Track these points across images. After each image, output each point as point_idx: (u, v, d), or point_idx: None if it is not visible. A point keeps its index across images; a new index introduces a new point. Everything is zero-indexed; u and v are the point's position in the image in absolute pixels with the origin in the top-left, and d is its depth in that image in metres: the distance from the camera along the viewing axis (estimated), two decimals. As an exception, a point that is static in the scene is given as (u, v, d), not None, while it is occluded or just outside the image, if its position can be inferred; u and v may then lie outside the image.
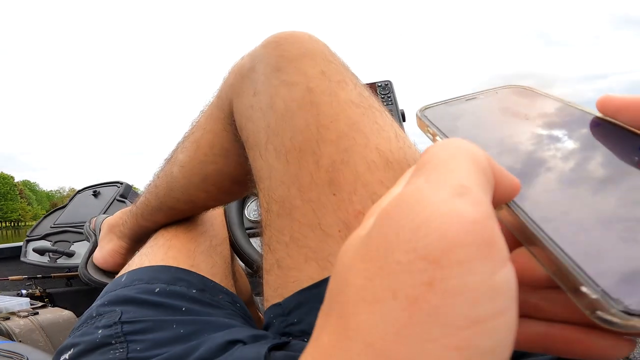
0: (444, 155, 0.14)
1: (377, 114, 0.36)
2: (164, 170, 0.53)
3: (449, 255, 0.11)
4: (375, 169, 0.33)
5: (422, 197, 0.12)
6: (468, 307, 0.11)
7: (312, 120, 0.34)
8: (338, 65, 0.37)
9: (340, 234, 0.32)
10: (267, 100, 0.36)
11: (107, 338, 0.35)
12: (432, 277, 0.11)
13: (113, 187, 1.11)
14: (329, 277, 0.32)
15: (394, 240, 0.12)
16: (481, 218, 0.12)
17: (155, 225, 0.56)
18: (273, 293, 0.35)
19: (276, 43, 0.38)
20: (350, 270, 0.13)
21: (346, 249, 0.14)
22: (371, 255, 0.12)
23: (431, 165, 0.13)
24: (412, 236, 0.12)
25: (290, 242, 0.34)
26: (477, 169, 0.13)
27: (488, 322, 0.11)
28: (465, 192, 0.12)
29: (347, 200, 0.32)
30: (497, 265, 0.11)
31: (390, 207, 0.13)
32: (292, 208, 0.34)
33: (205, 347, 0.32)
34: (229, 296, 0.47)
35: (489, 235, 0.12)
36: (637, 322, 0.11)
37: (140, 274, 0.44)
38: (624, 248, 0.13)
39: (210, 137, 0.46)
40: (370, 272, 0.12)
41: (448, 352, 0.11)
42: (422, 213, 0.12)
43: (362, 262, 0.13)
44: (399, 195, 0.13)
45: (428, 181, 0.13)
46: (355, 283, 0.12)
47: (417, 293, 0.11)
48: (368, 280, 0.12)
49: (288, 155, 0.34)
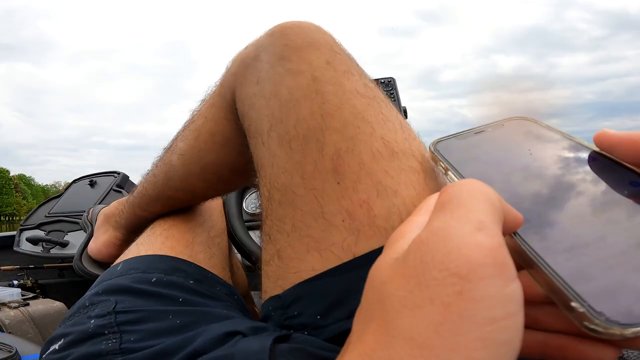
0: (464, 196, 0.17)
1: (382, 104, 0.35)
2: (162, 159, 0.52)
3: (474, 273, 0.15)
4: (380, 158, 0.32)
5: (450, 231, 0.16)
6: (488, 310, 0.15)
7: (316, 109, 0.33)
8: (343, 56, 0.37)
9: (344, 224, 0.31)
10: (271, 88, 0.36)
11: (99, 328, 0.34)
12: (461, 288, 0.15)
13: (110, 177, 1.10)
14: (331, 269, 0.31)
15: (430, 262, 0.16)
16: (496, 247, 0.16)
17: (153, 215, 0.55)
18: (272, 284, 0.34)
19: (281, 32, 0.37)
20: (390, 284, 0.17)
21: (380, 267, 0.18)
22: (409, 272, 0.16)
23: (454, 205, 0.17)
24: (445, 259, 0.16)
25: (291, 231, 0.33)
26: (491, 209, 0.17)
27: (502, 321, 0.15)
28: (483, 228, 0.16)
29: (351, 188, 0.31)
30: (508, 280, 0.15)
31: (425, 236, 0.17)
32: (295, 196, 0.33)
33: (202, 338, 0.31)
34: (227, 288, 0.46)
35: (502, 260, 0.16)
36: (617, 330, 0.14)
37: (136, 263, 0.43)
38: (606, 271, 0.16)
39: (211, 125, 0.45)
40: (410, 285, 0.16)
41: (474, 343, 0.15)
42: (452, 243, 0.16)
43: (400, 278, 0.17)
44: (431, 227, 0.17)
45: (453, 218, 0.17)
46: (395, 294, 0.16)
47: (450, 300, 0.15)
48: (408, 292, 0.16)
49: (292, 143, 0.34)
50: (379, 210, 0.30)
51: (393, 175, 0.31)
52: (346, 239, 0.30)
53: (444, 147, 0.25)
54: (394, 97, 0.93)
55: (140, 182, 0.57)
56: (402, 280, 0.17)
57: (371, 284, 0.18)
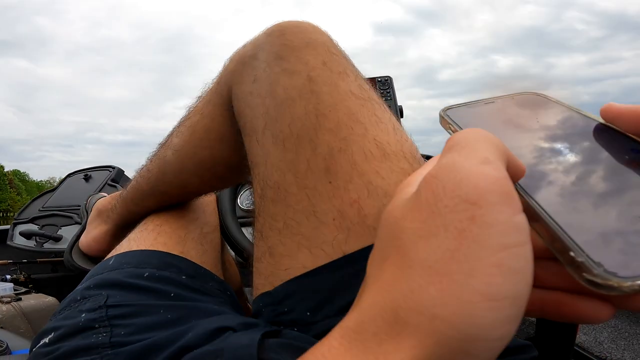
0: (470, 138, 0.18)
1: (376, 106, 0.36)
2: (157, 155, 0.52)
3: (483, 198, 0.15)
4: (372, 158, 0.32)
5: (459, 164, 0.17)
6: (500, 236, 0.15)
7: (311, 108, 0.34)
8: (340, 57, 0.37)
9: (334, 222, 0.31)
10: (267, 87, 0.36)
11: (90, 322, 0.34)
12: (472, 213, 0.15)
13: (105, 171, 1.09)
14: (321, 266, 0.31)
15: (441, 192, 0.16)
16: (501, 177, 0.16)
17: (146, 210, 0.55)
18: (264, 281, 0.34)
19: (280, 32, 0.37)
20: (404, 219, 0.17)
21: (393, 207, 0.19)
22: (422, 205, 0.17)
23: (461, 145, 0.18)
24: (455, 187, 0.16)
25: (283, 228, 0.33)
26: (495, 149, 0.17)
27: (515, 248, 0.15)
28: (489, 162, 0.16)
29: (342, 188, 0.32)
30: (515, 210, 0.16)
31: (434, 171, 0.17)
32: (287, 194, 0.33)
33: (193, 333, 0.31)
34: (219, 284, 0.46)
35: (508, 189, 0.16)
36: (614, 282, 0.14)
37: (128, 258, 0.43)
38: (606, 224, 0.17)
39: (207, 122, 0.45)
40: (423, 216, 0.17)
41: (490, 268, 0.15)
42: (460, 173, 0.16)
43: (414, 211, 0.17)
44: (440, 164, 0.17)
45: (460, 155, 0.17)
46: (410, 227, 0.17)
47: (463, 225, 0.15)
48: (422, 222, 0.17)
49: (285, 142, 0.34)
50: (370, 210, 0.31)
51: (384, 176, 0.32)
52: (336, 237, 0.31)
53: (453, 113, 0.26)
54: (390, 96, 0.93)
55: (133, 177, 0.57)
56: (416, 213, 0.17)
57: (385, 225, 0.19)
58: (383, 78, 0.94)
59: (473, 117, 0.25)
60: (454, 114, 0.26)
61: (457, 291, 0.15)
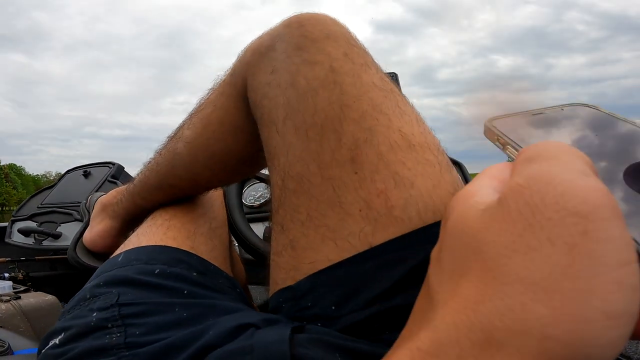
0: (554, 151, 0.17)
1: (398, 98, 0.36)
2: (166, 148, 0.51)
3: (594, 212, 0.14)
4: (398, 149, 0.32)
5: (555, 175, 0.16)
6: (616, 252, 0.14)
7: (335, 99, 0.33)
8: (360, 49, 0.37)
9: (361, 213, 0.30)
10: (288, 77, 0.36)
11: (102, 321, 0.33)
12: (585, 228, 0.14)
13: (104, 167, 1.07)
14: (348, 258, 0.30)
15: (540, 204, 0.15)
16: (607, 191, 0.15)
17: (153, 204, 0.54)
18: (284, 276, 0.33)
19: (299, 23, 0.37)
20: (487, 232, 0.16)
21: (466, 217, 0.18)
22: (512, 217, 0.16)
23: (545, 157, 0.17)
24: (559, 199, 0.15)
25: (306, 220, 0.32)
26: (586, 162, 0.17)
27: (631, 265, 0.14)
28: (589, 174, 0.16)
29: (369, 179, 0.31)
30: (624, 226, 0.15)
31: (523, 182, 0.16)
32: (311, 185, 0.32)
33: (214, 331, 0.30)
34: (229, 281, 0.45)
35: (615, 204, 0.15)
36: None
37: (138, 254, 0.42)
38: None
39: (220, 113, 0.44)
40: (517, 229, 0.15)
41: (609, 285, 0.14)
42: (562, 185, 0.15)
43: (500, 224, 0.16)
44: (529, 174, 0.16)
45: (552, 166, 0.16)
46: (498, 240, 0.16)
47: (575, 240, 0.14)
48: (516, 235, 0.15)
49: (309, 132, 0.33)
50: (397, 201, 0.30)
51: (410, 166, 0.31)
52: (363, 228, 0.30)
53: (501, 125, 0.24)
54: (396, 91, 0.92)
55: (141, 170, 0.56)
56: (504, 225, 0.16)
57: (458, 236, 0.18)
58: (389, 75, 0.93)
59: (523, 128, 0.24)
60: (501, 125, 0.24)
61: (573, 309, 0.14)
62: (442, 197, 0.31)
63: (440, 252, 0.19)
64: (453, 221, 0.18)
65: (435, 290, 0.18)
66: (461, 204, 0.19)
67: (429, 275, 0.19)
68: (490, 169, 0.21)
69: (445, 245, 0.18)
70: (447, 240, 0.18)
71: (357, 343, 0.27)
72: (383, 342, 0.28)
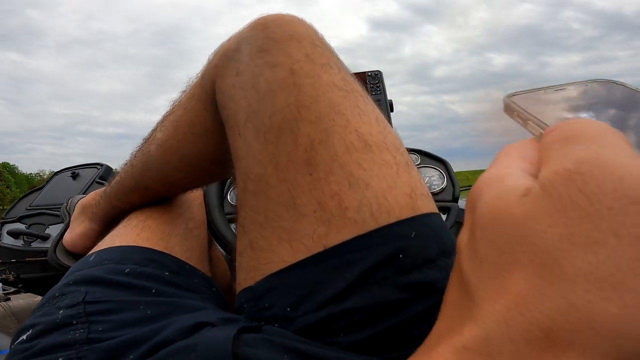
0: (596, 131, 0.16)
1: (359, 98, 0.35)
2: (141, 150, 0.52)
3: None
4: (353, 150, 0.32)
5: (608, 158, 0.14)
6: None
7: (292, 100, 0.33)
8: (324, 50, 0.37)
9: (315, 215, 0.31)
10: (250, 80, 0.36)
11: (68, 318, 0.33)
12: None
13: (92, 168, 1.08)
14: (301, 260, 0.30)
15: (596, 191, 0.14)
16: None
17: (130, 206, 0.54)
18: (245, 276, 0.34)
19: (264, 25, 0.37)
20: (534, 221, 0.15)
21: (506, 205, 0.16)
22: (564, 206, 0.14)
23: (587, 138, 0.16)
24: (618, 186, 0.14)
25: (264, 222, 0.33)
26: (628, 144, 0.16)
27: None
28: (638, 157, 0.15)
29: (323, 180, 0.31)
30: None
31: (572, 166, 0.15)
32: (268, 187, 0.33)
33: (170, 329, 0.30)
34: (205, 280, 0.45)
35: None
36: None
37: (110, 254, 0.42)
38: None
39: (190, 116, 0.45)
40: (572, 219, 0.14)
41: None
42: (619, 170, 0.14)
43: (553, 212, 0.15)
44: (577, 158, 0.15)
45: (601, 148, 0.15)
46: (550, 231, 0.14)
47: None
48: (572, 227, 0.14)
49: (266, 134, 0.33)
50: (350, 202, 0.30)
51: (366, 167, 0.31)
52: (317, 230, 0.30)
53: (521, 101, 0.23)
54: (380, 90, 0.92)
55: (118, 172, 0.56)
56: (556, 214, 0.15)
57: (497, 226, 0.16)
58: (373, 72, 0.94)
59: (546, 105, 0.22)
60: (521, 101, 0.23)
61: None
62: (397, 198, 0.31)
63: (475, 242, 0.17)
64: (487, 208, 0.17)
65: (475, 285, 0.17)
66: (493, 189, 0.17)
67: (463, 267, 0.18)
68: (512, 148, 0.20)
69: (481, 236, 0.17)
70: (482, 229, 0.17)
71: (310, 345, 0.27)
72: (337, 345, 0.28)
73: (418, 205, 0.32)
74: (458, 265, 0.19)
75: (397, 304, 0.28)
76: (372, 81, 0.93)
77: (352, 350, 0.28)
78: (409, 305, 0.28)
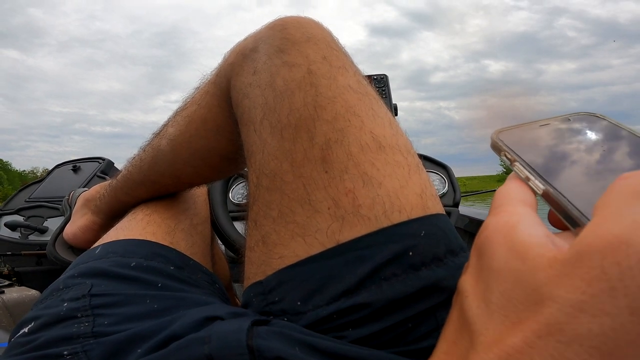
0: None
1: (373, 101, 0.36)
2: (150, 144, 0.52)
3: None
4: (368, 150, 0.33)
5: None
6: None
7: (309, 100, 0.34)
8: (340, 53, 0.38)
9: (329, 211, 0.31)
10: (267, 78, 0.36)
11: (72, 311, 0.33)
12: None
13: (94, 162, 1.07)
14: (314, 255, 0.31)
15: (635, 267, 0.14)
16: None
17: (135, 200, 0.54)
18: (255, 270, 0.34)
19: (282, 26, 0.38)
20: (554, 286, 0.15)
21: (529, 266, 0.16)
22: (592, 276, 0.14)
23: None
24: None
25: (278, 217, 0.33)
26: None
27: None
28: None
29: (338, 178, 0.32)
30: None
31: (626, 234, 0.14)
32: (283, 183, 0.33)
33: (180, 322, 0.30)
34: (208, 276, 0.45)
35: None
36: None
37: (115, 247, 0.42)
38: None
39: (203, 112, 0.45)
40: (592, 289, 0.14)
41: None
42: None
43: (574, 280, 0.15)
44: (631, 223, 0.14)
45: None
46: (566, 297, 0.15)
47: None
48: (589, 296, 0.14)
49: (283, 131, 0.34)
50: (364, 200, 0.31)
51: (379, 167, 0.32)
52: (330, 225, 0.31)
53: (507, 137, 0.23)
54: (385, 94, 0.93)
55: (124, 166, 0.56)
56: (578, 283, 0.15)
57: (516, 287, 0.16)
58: (379, 76, 0.95)
59: (530, 142, 0.23)
60: (507, 138, 0.23)
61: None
62: (408, 197, 0.31)
63: (489, 294, 0.17)
64: (508, 267, 0.17)
65: (478, 330, 0.17)
66: (507, 241, 0.17)
67: (467, 310, 0.18)
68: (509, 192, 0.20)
69: (499, 290, 0.17)
70: (500, 285, 0.17)
71: (319, 338, 0.28)
72: (346, 339, 0.28)
73: (428, 205, 0.32)
74: (460, 306, 0.19)
75: (405, 299, 0.29)
76: (377, 84, 0.94)
77: (360, 343, 0.28)
78: (417, 302, 0.29)
